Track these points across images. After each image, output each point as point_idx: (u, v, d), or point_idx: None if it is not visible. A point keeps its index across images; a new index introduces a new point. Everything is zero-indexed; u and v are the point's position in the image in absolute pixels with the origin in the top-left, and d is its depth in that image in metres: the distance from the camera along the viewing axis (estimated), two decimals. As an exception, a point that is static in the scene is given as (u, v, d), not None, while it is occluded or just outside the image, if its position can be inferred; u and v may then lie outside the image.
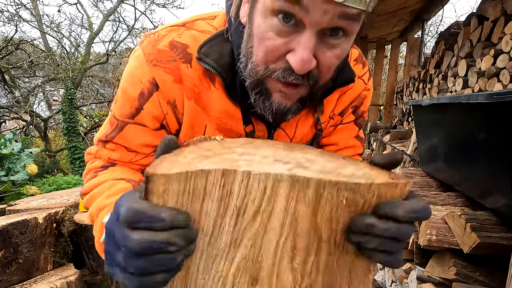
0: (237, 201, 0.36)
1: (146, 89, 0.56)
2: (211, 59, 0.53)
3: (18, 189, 2.76)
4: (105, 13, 8.14)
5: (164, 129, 0.62)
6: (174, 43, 0.55)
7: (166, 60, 0.55)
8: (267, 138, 0.66)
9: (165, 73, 0.55)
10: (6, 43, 6.40)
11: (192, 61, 0.55)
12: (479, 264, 1.07)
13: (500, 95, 0.81)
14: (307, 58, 0.42)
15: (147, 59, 0.55)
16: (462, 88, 2.26)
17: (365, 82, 0.71)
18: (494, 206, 1.05)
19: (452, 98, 1.12)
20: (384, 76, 7.34)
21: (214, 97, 0.58)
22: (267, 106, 0.50)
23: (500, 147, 0.93)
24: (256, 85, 0.49)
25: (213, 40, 0.54)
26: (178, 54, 0.55)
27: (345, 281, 0.40)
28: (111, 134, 0.59)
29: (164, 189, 0.34)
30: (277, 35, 0.43)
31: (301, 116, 0.66)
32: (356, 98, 0.71)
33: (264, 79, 0.48)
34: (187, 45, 0.55)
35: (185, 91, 0.57)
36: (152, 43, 0.56)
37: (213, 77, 0.57)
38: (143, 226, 0.32)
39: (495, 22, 1.93)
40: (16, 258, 1.36)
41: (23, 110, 6.65)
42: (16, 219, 1.39)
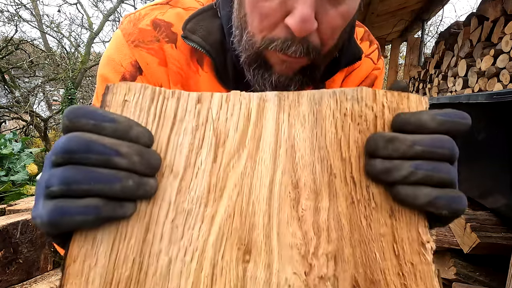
0: (216, 129, 0.29)
1: (128, 73, 0.49)
2: (198, 36, 0.46)
3: (18, 189, 2.76)
4: (105, 13, 8.14)
5: None
6: (157, 21, 0.49)
7: (149, 40, 0.48)
8: None
9: (148, 54, 0.48)
10: (6, 43, 6.40)
11: (178, 41, 0.49)
12: (479, 264, 1.07)
13: (500, 95, 0.81)
14: (307, 15, 0.36)
15: (128, 39, 0.48)
16: (462, 88, 2.26)
17: (374, 62, 0.63)
18: (494, 206, 1.05)
19: (452, 98, 1.12)
20: (384, 76, 7.34)
21: (202, 82, 0.51)
22: (266, 79, 0.44)
23: (500, 147, 0.93)
24: (254, 60, 0.43)
25: (200, 15, 0.48)
26: (161, 33, 0.48)
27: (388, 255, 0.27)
28: None
29: (124, 100, 0.28)
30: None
31: None
32: (365, 79, 0.63)
33: (262, 51, 0.42)
34: (171, 24, 0.49)
35: (170, 74, 0.50)
36: (132, 22, 0.49)
37: (202, 59, 0.50)
38: (85, 124, 0.24)
39: (495, 22, 1.93)
40: (16, 258, 1.36)
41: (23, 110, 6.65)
42: (16, 219, 1.39)
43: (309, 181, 0.28)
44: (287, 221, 0.27)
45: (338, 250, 0.27)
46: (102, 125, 0.24)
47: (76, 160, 0.23)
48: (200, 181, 0.28)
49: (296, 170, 0.28)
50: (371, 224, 0.27)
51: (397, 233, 0.27)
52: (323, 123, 0.29)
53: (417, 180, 0.25)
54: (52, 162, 0.24)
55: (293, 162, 0.28)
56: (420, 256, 0.26)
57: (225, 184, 0.28)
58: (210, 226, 0.27)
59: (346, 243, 0.27)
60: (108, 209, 0.24)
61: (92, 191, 0.23)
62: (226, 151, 0.28)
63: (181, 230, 0.27)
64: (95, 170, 0.23)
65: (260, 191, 0.28)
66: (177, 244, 0.26)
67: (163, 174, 0.28)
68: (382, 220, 0.27)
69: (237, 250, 0.27)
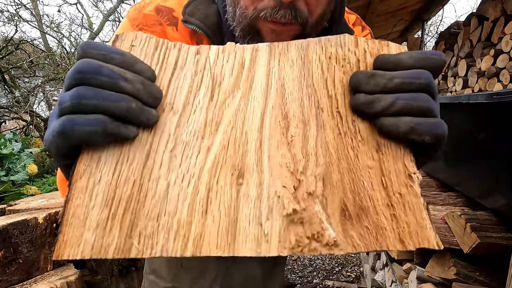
0: (213, 74, 0.32)
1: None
2: (197, 19, 0.51)
3: (18, 189, 2.76)
4: (105, 13, 8.14)
5: None
6: (159, 7, 0.54)
7: (152, 23, 0.54)
8: None
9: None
10: (6, 43, 6.39)
11: (178, 25, 0.54)
12: (479, 264, 1.07)
13: (500, 95, 0.81)
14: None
15: (133, 23, 0.54)
16: (462, 88, 2.26)
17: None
18: (494, 206, 1.05)
19: (452, 98, 1.12)
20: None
21: None
22: None
23: (500, 147, 0.93)
24: (248, 31, 0.47)
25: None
26: (163, 17, 0.54)
27: (376, 186, 0.28)
28: None
29: (131, 45, 0.32)
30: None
31: None
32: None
33: (254, 21, 0.45)
34: (173, 9, 0.54)
35: None
36: (138, 9, 0.55)
37: (200, 40, 0.55)
38: (96, 54, 0.28)
39: (495, 22, 1.93)
40: (16, 258, 1.36)
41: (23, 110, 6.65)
42: (16, 219, 1.39)
43: (298, 113, 0.30)
44: (277, 145, 0.29)
45: (326, 174, 0.28)
46: (111, 55, 0.27)
47: (87, 80, 0.26)
48: (197, 117, 0.30)
49: (286, 104, 0.31)
50: (359, 156, 0.29)
51: (384, 167, 0.29)
52: (310, 65, 0.32)
53: (397, 110, 0.27)
54: (66, 86, 0.27)
55: (283, 98, 0.31)
56: (407, 188, 0.29)
57: (220, 119, 0.30)
58: (206, 155, 0.29)
59: (334, 169, 0.29)
60: (114, 127, 0.27)
61: (100, 107, 0.26)
62: (222, 91, 0.32)
63: (179, 159, 0.29)
64: (103, 90, 0.26)
65: (253, 122, 0.30)
66: (175, 171, 0.29)
67: (164, 109, 0.31)
68: (369, 153, 0.29)
69: (231, 176, 0.29)
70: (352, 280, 2.33)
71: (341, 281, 2.29)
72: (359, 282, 2.28)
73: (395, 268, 1.53)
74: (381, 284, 1.87)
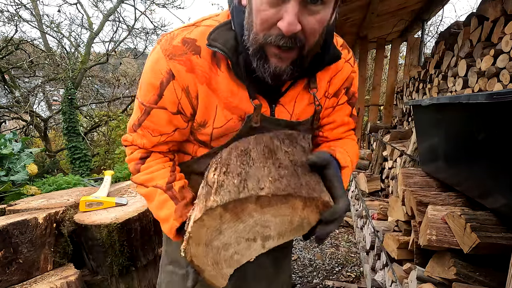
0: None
1: (164, 78, 0.69)
2: (219, 43, 0.65)
3: (18, 189, 2.76)
4: (105, 13, 8.14)
5: (180, 114, 0.74)
6: (185, 39, 0.68)
7: (179, 54, 0.67)
8: (269, 114, 0.76)
9: (179, 64, 0.67)
10: (6, 43, 6.39)
11: (201, 52, 0.68)
12: (479, 264, 1.07)
13: (500, 95, 0.81)
14: (292, 21, 0.55)
15: (165, 54, 0.68)
16: (462, 88, 2.26)
17: (351, 65, 0.82)
18: (494, 206, 1.05)
19: (452, 98, 1.12)
20: (384, 76, 7.33)
21: (220, 80, 0.70)
22: (266, 68, 0.62)
23: (500, 147, 0.93)
24: (257, 51, 0.61)
25: (219, 28, 0.67)
26: (189, 48, 0.67)
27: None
28: (141, 118, 0.74)
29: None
30: (269, 7, 0.56)
31: (298, 93, 0.76)
32: (346, 79, 0.83)
33: (263, 45, 0.60)
34: (196, 39, 0.68)
35: (197, 77, 0.69)
36: (168, 40, 0.69)
37: (219, 62, 0.69)
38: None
39: (495, 22, 1.93)
40: (16, 258, 1.36)
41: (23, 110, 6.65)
42: (16, 219, 1.39)
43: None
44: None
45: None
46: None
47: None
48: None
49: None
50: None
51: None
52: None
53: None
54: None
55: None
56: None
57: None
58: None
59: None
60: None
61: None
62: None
63: None
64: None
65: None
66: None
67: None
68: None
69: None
70: (352, 280, 2.33)
71: (341, 281, 2.29)
72: (359, 282, 2.28)
73: (395, 268, 1.53)
74: (381, 284, 1.87)
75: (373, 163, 3.37)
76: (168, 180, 0.77)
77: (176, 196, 0.76)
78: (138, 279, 1.71)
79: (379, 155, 3.29)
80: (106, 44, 8.59)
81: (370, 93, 5.93)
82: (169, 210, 0.75)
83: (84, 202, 1.75)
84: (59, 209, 1.60)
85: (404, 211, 1.53)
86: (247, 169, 0.57)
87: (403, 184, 1.58)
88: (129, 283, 1.68)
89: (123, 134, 7.29)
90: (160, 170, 0.78)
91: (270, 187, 0.52)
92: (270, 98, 0.74)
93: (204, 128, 0.75)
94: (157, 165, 0.79)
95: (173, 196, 0.76)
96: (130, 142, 0.79)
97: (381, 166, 3.28)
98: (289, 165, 0.59)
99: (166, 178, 0.77)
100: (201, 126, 0.75)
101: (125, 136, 0.80)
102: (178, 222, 0.73)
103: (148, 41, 8.82)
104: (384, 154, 3.17)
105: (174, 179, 0.79)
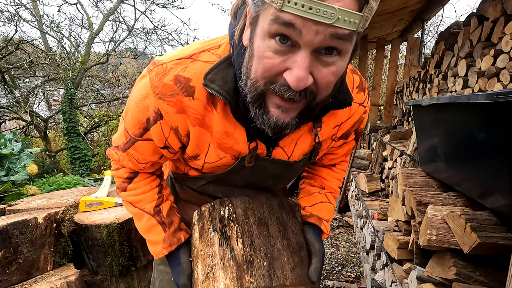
0: None
1: (151, 117, 0.62)
2: (217, 85, 0.57)
3: (18, 189, 2.76)
4: (105, 13, 8.14)
5: (167, 148, 0.69)
6: (178, 77, 0.59)
7: (170, 94, 0.59)
8: (266, 155, 0.70)
9: (168, 105, 0.60)
10: (6, 43, 6.39)
11: (195, 93, 0.60)
12: (479, 264, 1.07)
13: (500, 95, 0.81)
14: (303, 76, 0.45)
15: (154, 91, 0.60)
16: (462, 88, 2.26)
17: (364, 106, 0.76)
18: (494, 206, 1.05)
19: (452, 98, 1.12)
20: (384, 76, 7.33)
21: (215, 120, 0.63)
22: (265, 120, 0.53)
23: (500, 147, 0.93)
24: (257, 99, 0.52)
25: (218, 66, 0.59)
26: (181, 88, 0.59)
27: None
28: (125, 145, 0.69)
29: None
30: (275, 54, 0.47)
31: (301, 135, 0.70)
32: (357, 122, 0.77)
33: (264, 93, 0.51)
34: (190, 79, 0.59)
35: (189, 119, 0.62)
36: (159, 75, 0.60)
37: (215, 102, 0.62)
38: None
39: (495, 22, 1.93)
40: (16, 258, 1.36)
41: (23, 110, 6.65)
42: (16, 219, 1.39)
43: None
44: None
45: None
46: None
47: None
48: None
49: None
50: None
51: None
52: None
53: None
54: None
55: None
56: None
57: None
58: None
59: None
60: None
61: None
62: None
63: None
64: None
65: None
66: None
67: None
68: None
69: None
70: (352, 280, 2.33)
71: (341, 281, 2.29)
72: (359, 282, 2.28)
73: (395, 268, 1.53)
74: (381, 284, 1.87)
75: (373, 163, 3.37)
76: (156, 203, 0.76)
77: (164, 221, 0.75)
78: (138, 279, 1.71)
79: (379, 155, 3.29)
80: (106, 44, 8.59)
81: (370, 93, 5.93)
82: (157, 236, 0.75)
83: (84, 202, 1.75)
84: (59, 209, 1.60)
85: (404, 211, 1.53)
86: (270, 249, 0.64)
87: (403, 184, 1.58)
88: (129, 283, 1.68)
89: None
90: (148, 192, 0.77)
91: (291, 277, 0.62)
92: (269, 141, 0.68)
93: (196, 159, 0.72)
94: (144, 187, 0.76)
95: (161, 221, 0.75)
96: (115, 160, 0.76)
97: (381, 166, 3.28)
98: (296, 248, 0.69)
99: (154, 202, 0.76)
100: (193, 158, 0.72)
101: (110, 150, 0.76)
102: (167, 251, 0.74)
103: (148, 41, 8.82)
104: (384, 154, 3.17)
105: (162, 201, 0.78)
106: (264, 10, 0.46)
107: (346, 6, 0.42)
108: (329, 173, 0.92)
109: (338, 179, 0.93)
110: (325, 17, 0.41)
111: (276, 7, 0.43)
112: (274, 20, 0.44)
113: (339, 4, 0.41)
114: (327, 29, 0.43)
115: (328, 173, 0.92)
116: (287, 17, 0.43)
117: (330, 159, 0.89)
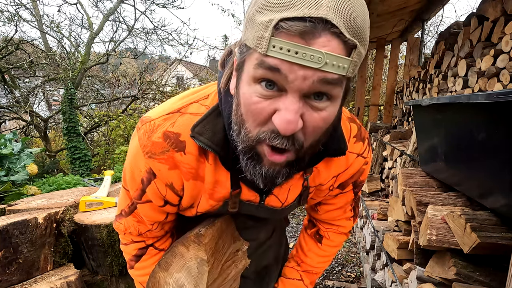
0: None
1: (145, 177, 0.62)
2: (206, 138, 0.56)
3: (18, 189, 2.76)
4: (105, 13, 8.13)
5: (167, 204, 0.68)
6: (167, 133, 0.58)
7: (160, 152, 0.58)
8: (258, 203, 0.69)
9: (160, 163, 0.59)
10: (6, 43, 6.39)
11: (186, 148, 0.59)
12: (479, 264, 1.07)
13: (500, 95, 0.81)
14: (292, 118, 0.43)
15: (143, 150, 0.59)
16: (462, 88, 2.26)
17: (364, 157, 0.72)
18: (494, 206, 1.05)
19: (452, 98, 1.12)
20: (384, 76, 7.33)
21: (208, 171, 0.62)
22: (257, 170, 0.52)
23: (500, 147, 0.93)
24: (249, 150, 0.51)
25: (206, 118, 0.58)
26: (171, 144, 0.58)
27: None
28: (131, 207, 0.70)
29: None
30: (262, 98, 0.45)
31: (293, 183, 0.69)
32: (356, 173, 0.74)
33: (256, 143, 0.49)
34: (180, 134, 0.58)
35: (183, 174, 0.61)
36: (147, 133, 0.59)
37: (207, 153, 0.61)
38: None
39: (495, 22, 1.93)
40: (16, 258, 1.36)
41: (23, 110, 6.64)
42: (16, 219, 1.39)
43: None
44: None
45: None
46: None
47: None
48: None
49: None
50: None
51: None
52: None
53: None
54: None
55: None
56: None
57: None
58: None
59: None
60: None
61: None
62: None
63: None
64: None
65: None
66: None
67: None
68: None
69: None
70: (352, 280, 2.33)
71: (341, 281, 2.29)
72: (359, 282, 2.28)
73: (395, 268, 1.53)
74: (381, 284, 1.87)
75: (373, 163, 3.37)
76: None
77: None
78: (138, 279, 1.71)
79: (379, 155, 3.29)
80: (106, 44, 8.58)
81: (370, 93, 5.93)
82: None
83: (84, 202, 1.75)
84: (59, 209, 1.60)
85: (404, 211, 1.53)
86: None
87: (403, 184, 1.58)
88: (129, 283, 1.68)
89: (123, 134, 7.15)
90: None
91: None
92: (262, 190, 0.66)
93: (189, 209, 0.72)
94: (151, 267, 0.76)
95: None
96: (123, 231, 0.76)
97: (381, 166, 3.28)
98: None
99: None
100: (186, 209, 0.72)
101: (117, 224, 0.76)
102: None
103: (148, 41, 8.82)
104: (384, 154, 3.17)
105: None
106: (249, 55, 0.45)
107: (333, 51, 0.40)
108: (312, 248, 0.93)
109: (322, 256, 0.93)
110: (312, 61, 0.40)
111: (261, 52, 0.41)
112: (259, 64, 0.42)
113: (327, 49, 0.40)
114: (316, 74, 0.41)
115: (311, 248, 0.94)
116: (272, 62, 0.41)
117: (326, 210, 0.86)
